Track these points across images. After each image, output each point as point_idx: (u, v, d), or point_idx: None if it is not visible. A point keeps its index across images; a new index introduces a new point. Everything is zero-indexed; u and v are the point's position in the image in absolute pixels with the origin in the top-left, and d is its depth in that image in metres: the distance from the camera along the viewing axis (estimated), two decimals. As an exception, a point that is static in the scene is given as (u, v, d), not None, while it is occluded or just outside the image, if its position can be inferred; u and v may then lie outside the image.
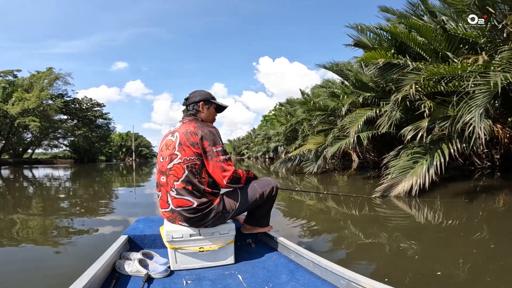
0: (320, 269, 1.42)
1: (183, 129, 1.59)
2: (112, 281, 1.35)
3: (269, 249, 1.83)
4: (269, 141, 25.81)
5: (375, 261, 2.15)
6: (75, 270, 1.43)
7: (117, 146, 54.76)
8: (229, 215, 1.63)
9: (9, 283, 1.84)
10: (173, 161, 1.55)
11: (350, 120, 7.42)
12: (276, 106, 41.47)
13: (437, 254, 2.20)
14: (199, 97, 1.73)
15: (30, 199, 5.62)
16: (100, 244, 2.37)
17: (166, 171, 1.57)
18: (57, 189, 7.50)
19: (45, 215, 4.05)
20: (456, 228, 2.95)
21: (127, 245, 1.79)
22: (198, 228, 1.57)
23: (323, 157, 8.61)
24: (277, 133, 21.49)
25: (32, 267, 2.08)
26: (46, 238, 2.86)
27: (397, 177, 4.72)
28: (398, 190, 4.53)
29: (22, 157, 29.83)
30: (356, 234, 2.85)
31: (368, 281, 1.19)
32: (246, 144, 49.62)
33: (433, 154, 4.66)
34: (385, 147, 8.10)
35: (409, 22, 6.10)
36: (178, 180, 1.52)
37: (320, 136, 9.69)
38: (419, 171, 4.51)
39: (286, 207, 4.41)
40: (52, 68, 28.38)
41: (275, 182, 1.80)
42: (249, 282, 1.38)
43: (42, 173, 14.37)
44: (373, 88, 7.95)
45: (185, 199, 1.51)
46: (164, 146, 1.64)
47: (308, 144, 9.69)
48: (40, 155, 38.68)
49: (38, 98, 24.65)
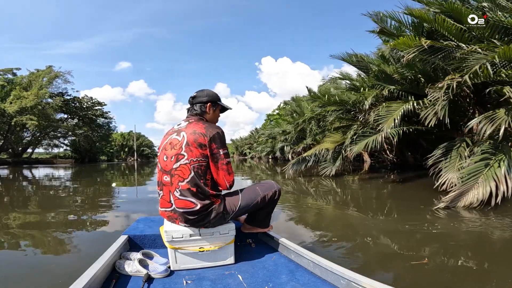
0: (320, 269, 1.45)
1: (191, 129, 1.60)
2: (112, 281, 1.38)
3: (269, 249, 1.86)
4: (274, 140, 25.63)
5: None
6: (75, 270, 1.47)
7: (118, 146, 55.11)
8: (229, 216, 1.65)
9: (9, 282, 1.88)
10: (180, 161, 1.56)
11: (381, 113, 6.51)
12: (281, 105, 41.52)
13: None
14: (206, 97, 1.75)
15: (20, 201, 5.61)
16: (100, 244, 2.40)
17: (170, 171, 1.59)
18: (51, 191, 7.18)
19: (39, 217, 4.01)
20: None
21: (127, 245, 1.82)
22: (198, 228, 1.60)
23: (341, 157, 7.99)
24: (282, 132, 21.26)
25: (31, 268, 2.12)
26: (44, 241, 2.89)
27: (467, 183, 3.92)
28: (469, 200, 3.75)
29: (21, 157, 29.94)
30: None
31: (368, 281, 1.21)
32: (249, 144, 49.70)
33: (510, 154, 3.91)
34: (410, 146, 7.54)
35: (450, 6, 5.42)
36: (184, 181, 1.54)
37: (338, 133, 9.05)
38: (493, 175, 3.77)
39: (317, 221, 3.67)
40: (52, 66, 28.59)
41: (278, 186, 1.82)
42: (249, 282, 1.40)
43: (38, 174, 14.32)
44: (398, 81, 7.44)
45: (189, 200, 1.54)
46: (169, 145, 1.64)
47: (325, 143, 8.94)
48: (42, 154, 38.94)
49: (37, 96, 24.68)
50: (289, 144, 20.51)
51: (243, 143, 54.88)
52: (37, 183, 9.45)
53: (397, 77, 7.49)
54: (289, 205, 4.54)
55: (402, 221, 3.33)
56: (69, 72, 29.19)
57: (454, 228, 3.02)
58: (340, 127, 9.62)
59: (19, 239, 2.89)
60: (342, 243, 2.63)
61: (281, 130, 21.51)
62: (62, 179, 11.16)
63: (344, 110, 9.30)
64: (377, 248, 2.56)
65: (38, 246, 2.69)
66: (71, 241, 2.79)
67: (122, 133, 57.60)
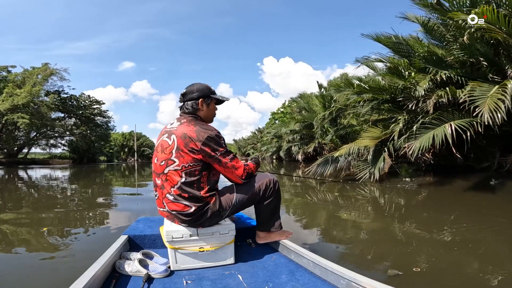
0: (320, 269, 1.49)
1: (181, 132, 1.59)
2: (112, 281, 1.42)
3: (269, 249, 1.92)
4: (280, 140, 25.23)
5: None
6: (74, 270, 1.51)
7: (119, 146, 55.40)
8: (226, 213, 1.68)
9: (9, 282, 1.95)
10: (169, 166, 1.58)
11: (475, 94, 5.13)
12: (285, 103, 41.42)
13: None
14: (197, 93, 1.71)
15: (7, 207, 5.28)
16: (101, 245, 2.43)
17: (161, 175, 1.62)
18: (41, 197, 6.52)
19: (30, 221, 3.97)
20: None
21: (127, 245, 1.88)
22: (196, 228, 1.64)
23: (383, 158, 6.82)
24: (290, 131, 20.79)
25: (30, 269, 2.17)
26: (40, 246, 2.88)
27: None
28: None
29: (17, 157, 29.76)
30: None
31: (368, 281, 1.24)
32: (252, 144, 49.71)
33: None
34: (461, 143, 5.41)
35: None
36: (175, 186, 1.58)
37: (378, 128, 7.75)
38: None
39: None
40: (48, 64, 28.31)
41: (272, 176, 1.83)
42: (249, 282, 1.45)
43: (28, 176, 14.03)
44: (451, 65, 6.54)
45: (183, 203, 1.58)
46: (160, 147, 1.65)
47: (363, 139, 7.54)
48: (39, 154, 38.79)
49: (29, 94, 24.28)
50: (298, 143, 20.17)
51: (246, 143, 54.86)
52: (21, 188, 8.88)
53: (451, 61, 6.57)
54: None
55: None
56: (65, 70, 28.84)
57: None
58: (380, 120, 8.21)
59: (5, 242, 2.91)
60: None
61: (288, 130, 21.04)
62: (52, 181, 10.98)
63: (382, 100, 7.96)
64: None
65: (31, 252, 2.67)
66: (68, 243, 2.84)
67: (123, 133, 57.92)
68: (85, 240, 2.95)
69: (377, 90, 7.70)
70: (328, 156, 8.10)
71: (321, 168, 8.13)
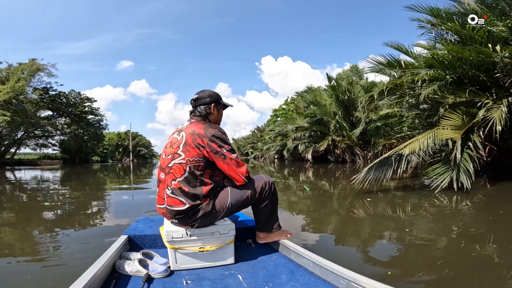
0: (320, 269, 1.57)
1: (190, 130, 1.75)
2: (112, 281, 1.48)
3: (269, 249, 2.00)
4: (285, 138, 25.00)
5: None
6: (75, 270, 1.59)
7: (113, 146, 55.50)
8: (219, 215, 1.76)
9: (9, 282, 2.01)
10: (174, 160, 1.71)
11: None
12: (288, 99, 41.42)
13: None
14: (209, 98, 1.88)
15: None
16: (100, 245, 2.47)
17: (165, 169, 1.75)
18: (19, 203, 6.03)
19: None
20: None
21: (127, 245, 1.97)
22: (185, 227, 1.73)
23: (467, 156, 5.32)
24: (297, 128, 20.51)
25: (28, 270, 2.23)
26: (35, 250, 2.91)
27: None
28: None
29: (4, 158, 29.21)
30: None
31: (368, 281, 1.31)
32: (251, 143, 49.80)
33: None
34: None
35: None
36: (176, 179, 1.69)
37: (458, 114, 5.98)
38: None
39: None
40: (35, 59, 27.80)
41: (268, 178, 1.92)
42: (249, 282, 1.52)
43: (13, 178, 13.76)
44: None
45: (178, 199, 1.69)
46: (169, 143, 1.80)
47: (444, 130, 5.71)
48: (35, 155, 38.05)
49: (12, 90, 23.66)
50: (306, 141, 20.05)
51: (245, 142, 54.97)
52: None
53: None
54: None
55: None
56: (53, 65, 28.23)
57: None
58: (460, 104, 6.30)
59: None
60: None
61: (295, 127, 20.67)
62: (36, 185, 10.89)
63: (454, 80, 6.51)
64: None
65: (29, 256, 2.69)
66: (69, 244, 2.91)
67: (119, 132, 58.13)
68: (77, 246, 2.89)
69: (459, 63, 6.03)
70: (393, 154, 6.03)
71: (377, 173, 6.02)
